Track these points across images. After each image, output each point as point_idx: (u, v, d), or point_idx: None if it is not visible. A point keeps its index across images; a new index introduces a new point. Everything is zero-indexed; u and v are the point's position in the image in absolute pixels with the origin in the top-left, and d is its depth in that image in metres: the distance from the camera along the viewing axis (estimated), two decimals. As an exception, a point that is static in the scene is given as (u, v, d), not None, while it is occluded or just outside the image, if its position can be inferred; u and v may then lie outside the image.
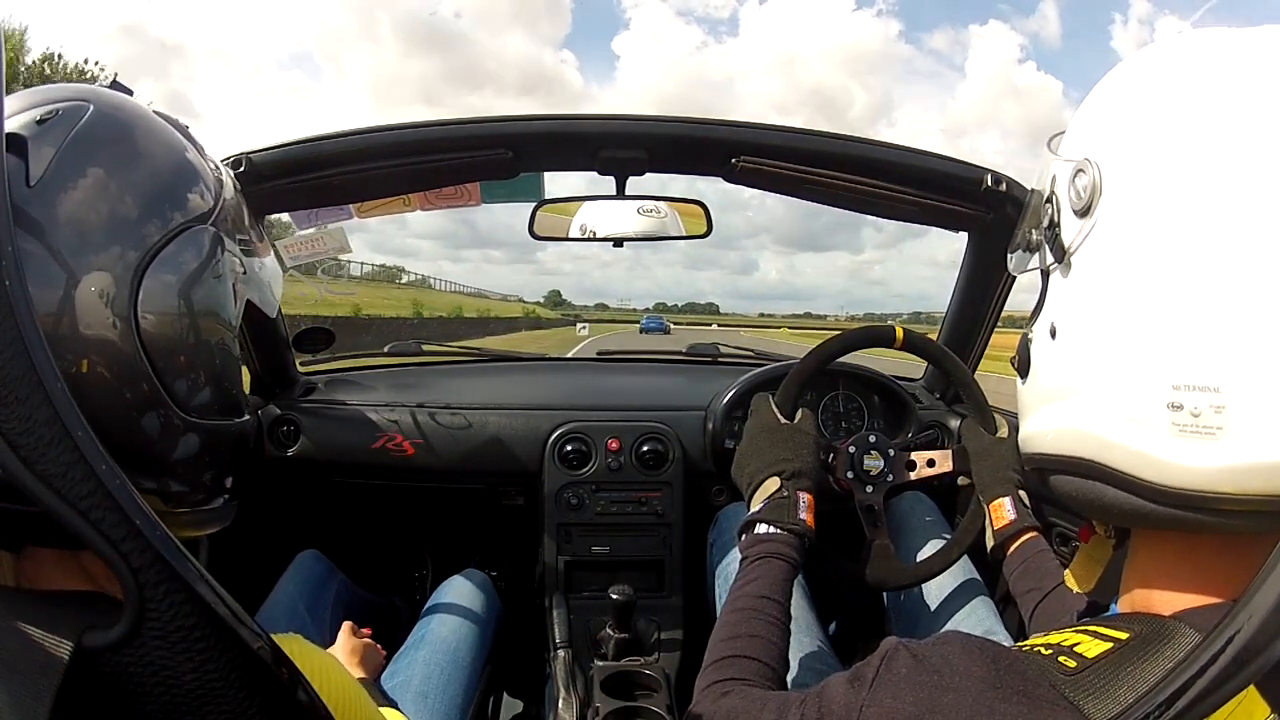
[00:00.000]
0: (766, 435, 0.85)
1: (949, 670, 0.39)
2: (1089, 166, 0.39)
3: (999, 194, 1.01)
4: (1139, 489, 0.38)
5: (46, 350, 0.31)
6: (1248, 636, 0.28)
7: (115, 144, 0.43)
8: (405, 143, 0.98)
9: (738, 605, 0.72)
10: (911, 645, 0.43)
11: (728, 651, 0.67)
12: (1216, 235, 0.35)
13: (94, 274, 0.40)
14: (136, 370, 0.42)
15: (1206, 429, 0.34)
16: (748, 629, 0.68)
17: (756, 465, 0.83)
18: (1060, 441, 0.43)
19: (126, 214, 0.42)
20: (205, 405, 0.47)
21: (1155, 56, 0.40)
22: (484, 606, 1.09)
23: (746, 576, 0.75)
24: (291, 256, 1.21)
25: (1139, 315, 0.37)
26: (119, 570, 0.32)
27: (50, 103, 0.43)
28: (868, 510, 0.94)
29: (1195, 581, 0.39)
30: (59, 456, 0.31)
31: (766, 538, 0.77)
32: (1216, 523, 0.36)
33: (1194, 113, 0.37)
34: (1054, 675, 0.37)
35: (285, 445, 1.30)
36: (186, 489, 0.47)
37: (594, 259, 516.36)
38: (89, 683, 0.33)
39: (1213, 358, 0.34)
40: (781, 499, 0.79)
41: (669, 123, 1.00)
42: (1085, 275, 0.40)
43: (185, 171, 0.47)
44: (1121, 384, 0.38)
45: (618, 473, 1.27)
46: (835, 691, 0.45)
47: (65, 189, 0.40)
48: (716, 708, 0.60)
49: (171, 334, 0.43)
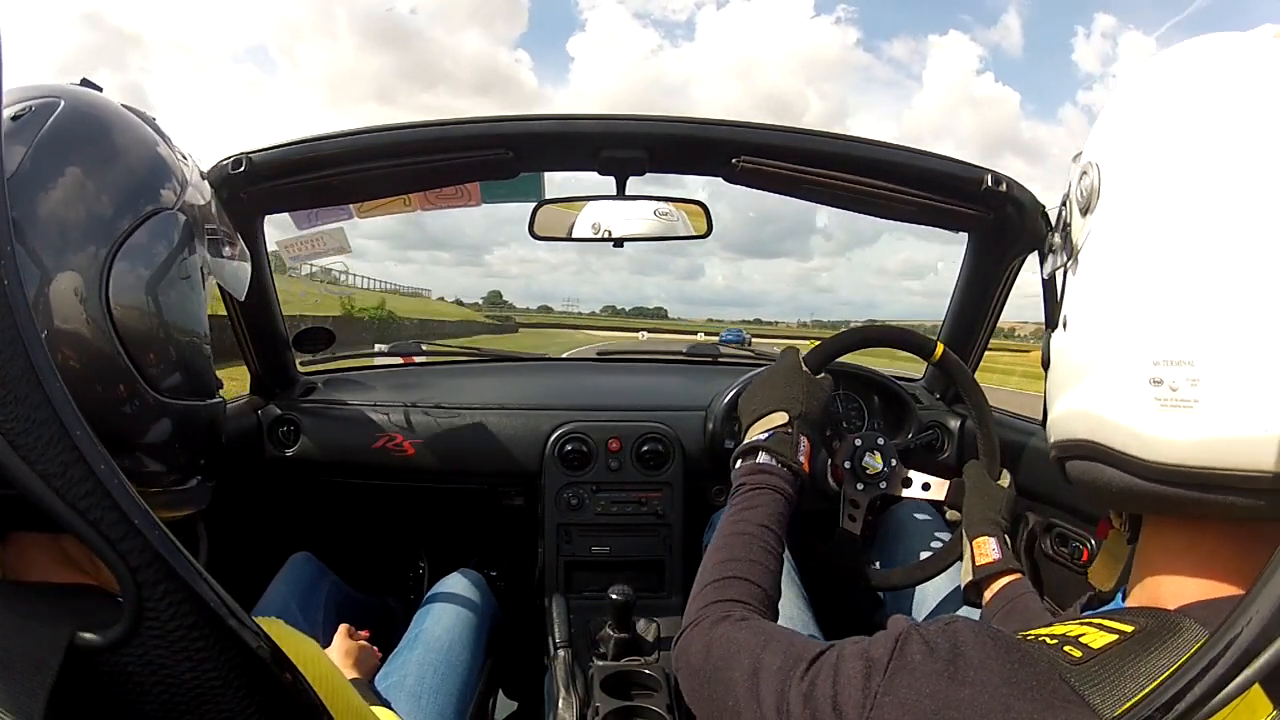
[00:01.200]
0: (785, 376, 0.85)
1: (963, 662, 0.39)
2: (1090, 169, 0.43)
3: (999, 194, 1.01)
4: (1130, 465, 0.40)
5: (45, 349, 0.31)
6: (1250, 638, 0.28)
7: (86, 139, 0.45)
8: (405, 143, 0.98)
9: (738, 529, 0.70)
10: (924, 630, 0.42)
11: (729, 572, 0.65)
12: (1189, 221, 0.38)
13: (65, 262, 0.42)
14: (109, 354, 0.43)
15: (1184, 402, 0.37)
16: (747, 553, 0.67)
17: (767, 397, 0.83)
18: (1068, 424, 0.45)
19: (97, 205, 0.44)
20: (176, 387, 0.48)
21: (1148, 66, 0.44)
22: (479, 605, 1.09)
23: (747, 503, 0.73)
24: (292, 256, 1.21)
25: (1125, 298, 0.40)
26: (117, 569, 0.32)
27: (22, 100, 0.44)
28: (851, 503, 0.94)
29: (1201, 574, 0.39)
30: (58, 455, 0.31)
31: (769, 469, 0.76)
32: (1199, 498, 0.37)
33: (1169, 114, 0.40)
34: (1061, 666, 0.37)
35: (285, 445, 1.30)
36: (161, 469, 0.49)
37: (542, 262, 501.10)
38: (87, 681, 0.33)
39: (1187, 333, 0.37)
40: (786, 434, 0.79)
41: (670, 123, 1.00)
42: (1088, 267, 0.44)
43: (153, 163, 0.49)
44: (1113, 363, 0.41)
45: (618, 473, 1.27)
46: (849, 670, 0.43)
47: (37, 184, 0.41)
48: (718, 632, 0.58)
49: (141, 318, 0.45)
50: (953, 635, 0.41)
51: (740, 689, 0.50)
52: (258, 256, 1.14)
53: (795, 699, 0.45)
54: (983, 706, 0.37)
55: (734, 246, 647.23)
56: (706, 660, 0.56)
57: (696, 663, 0.57)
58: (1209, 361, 0.36)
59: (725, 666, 0.53)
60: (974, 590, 0.86)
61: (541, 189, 1.21)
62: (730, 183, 1.06)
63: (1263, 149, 0.36)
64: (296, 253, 1.20)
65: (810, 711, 0.43)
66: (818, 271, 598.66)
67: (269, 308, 1.23)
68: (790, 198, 1.09)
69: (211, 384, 0.54)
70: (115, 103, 0.49)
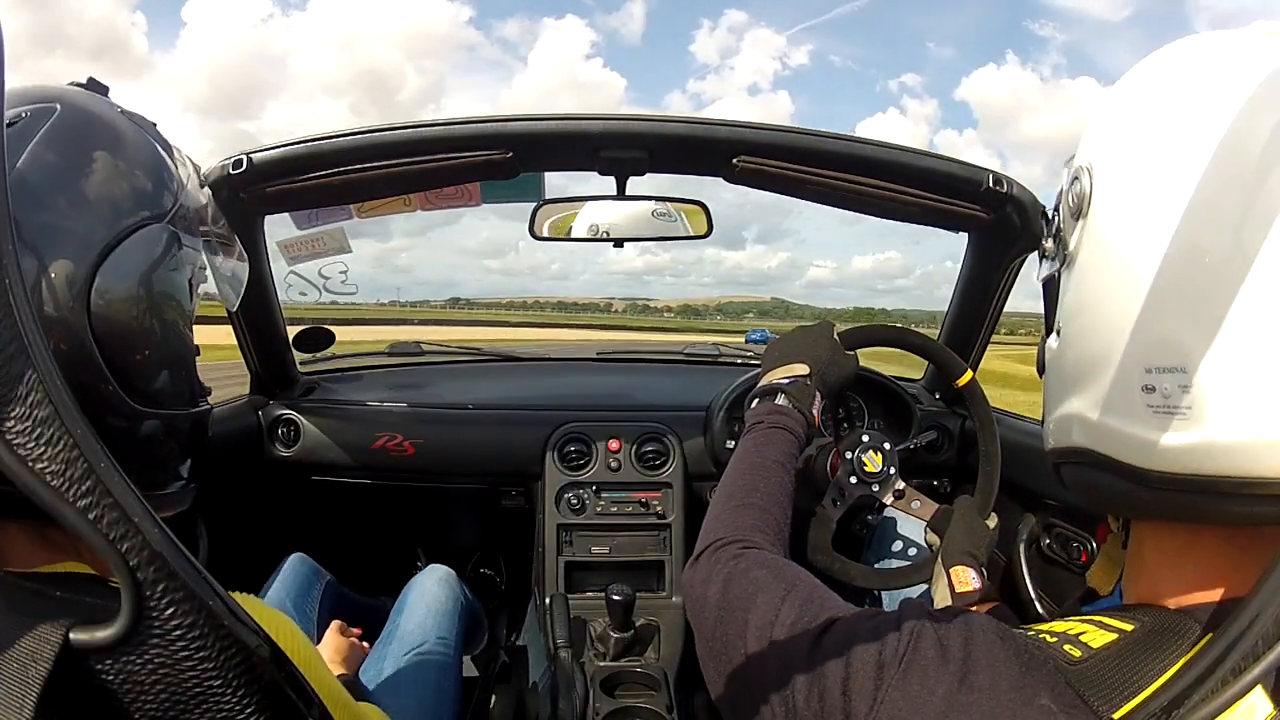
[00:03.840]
0: (816, 335, 0.86)
1: (974, 664, 0.39)
2: (1082, 173, 0.43)
3: (999, 194, 1.01)
4: (1126, 472, 0.39)
5: (46, 349, 0.31)
6: (1253, 640, 0.28)
7: (80, 147, 0.45)
8: (405, 143, 0.98)
9: (755, 461, 0.70)
10: (939, 626, 0.41)
11: (750, 499, 0.65)
12: (1179, 225, 0.37)
13: (49, 271, 0.41)
14: (89, 363, 0.43)
15: (1176, 409, 0.36)
16: (766, 486, 0.67)
17: (795, 348, 0.85)
18: (1064, 431, 0.45)
19: (84, 214, 0.44)
20: (157, 395, 0.48)
21: (1140, 68, 0.43)
22: (447, 599, 1.10)
23: (764, 439, 0.73)
24: (292, 256, 1.21)
25: (1117, 304, 0.40)
26: (117, 569, 0.32)
27: (19, 105, 0.44)
28: (838, 489, 0.94)
29: (1200, 576, 0.39)
30: (58, 455, 0.31)
31: (787, 411, 0.77)
32: (1195, 505, 0.37)
33: (1160, 115, 0.40)
34: (1062, 666, 0.37)
35: (285, 445, 1.30)
36: (140, 474, 0.48)
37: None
38: (85, 679, 0.33)
39: (1178, 339, 0.36)
40: (805, 384, 0.80)
41: (670, 123, 1.00)
42: (1081, 272, 0.43)
43: (145, 171, 0.48)
44: (1105, 370, 0.40)
45: (618, 473, 1.27)
46: (862, 656, 0.42)
47: (27, 191, 0.41)
48: (740, 566, 0.56)
49: (123, 327, 0.45)
50: (966, 635, 0.40)
51: (751, 635, 0.49)
52: (258, 257, 1.14)
53: (802, 670, 0.44)
54: (990, 710, 0.37)
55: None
56: (724, 595, 0.55)
57: (714, 595, 0.56)
58: (1201, 367, 0.35)
59: (742, 607, 0.52)
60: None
61: (542, 189, 1.21)
62: (731, 183, 1.06)
63: (1255, 150, 0.35)
64: (296, 253, 1.20)
65: (818, 690, 0.42)
66: (397, 252, 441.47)
67: (269, 308, 1.23)
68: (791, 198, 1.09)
69: (194, 392, 0.53)
70: (115, 108, 0.49)
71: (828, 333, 0.88)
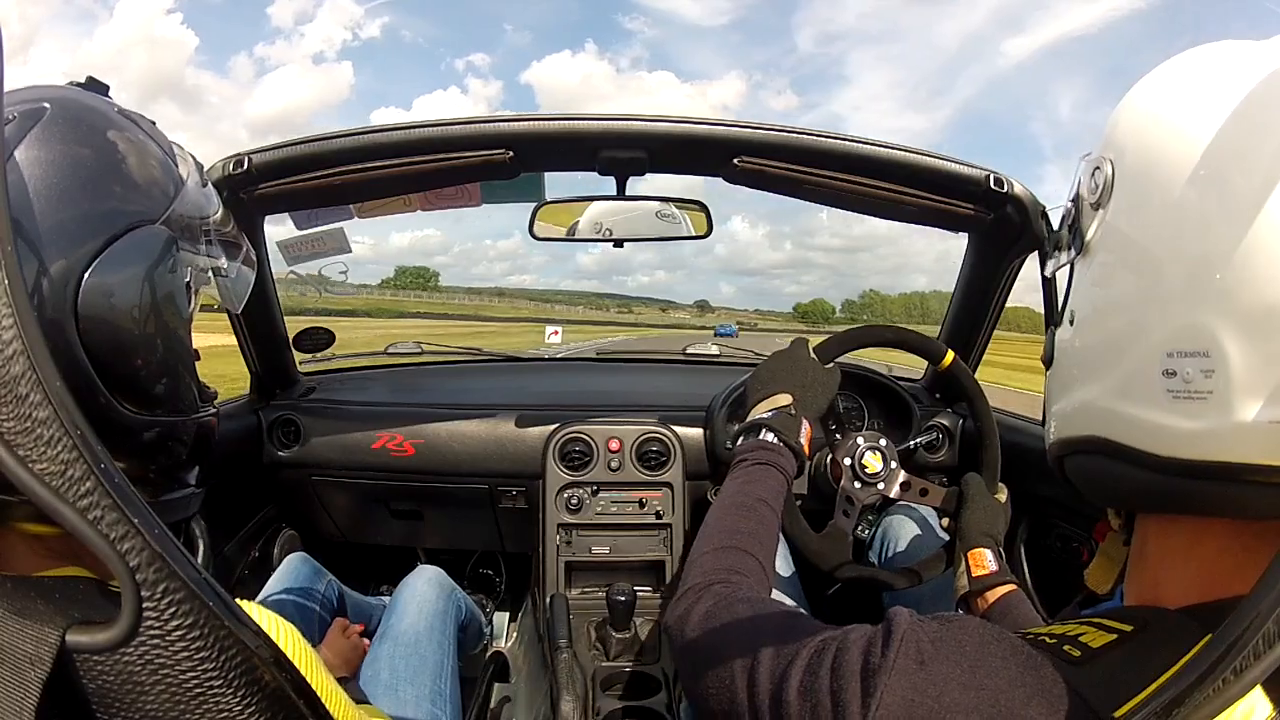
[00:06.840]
0: (793, 363, 0.87)
1: (968, 664, 0.39)
2: (1104, 163, 0.44)
3: (999, 194, 1.01)
4: (1142, 460, 0.39)
5: (46, 349, 0.31)
6: (1253, 640, 0.28)
7: (65, 148, 0.43)
8: (405, 143, 0.98)
9: (739, 501, 0.71)
10: (928, 628, 0.41)
11: (731, 542, 0.65)
12: (1205, 212, 0.37)
13: (36, 275, 0.40)
14: (78, 369, 0.42)
15: (1198, 393, 0.36)
16: (749, 526, 0.68)
17: (775, 379, 0.85)
18: (1074, 421, 0.45)
19: (72, 216, 0.42)
20: (157, 401, 0.47)
21: (1169, 66, 0.44)
22: (438, 597, 1.10)
23: (748, 476, 0.74)
24: (292, 256, 1.21)
25: (1138, 289, 0.40)
26: (117, 569, 0.32)
27: (11, 105, 0.43)
28: (847, 499, 0.94)
29: (1203, 573, 0.39)
30: (58, 455, 0.31)
31: (772, 446, 0.77)
32: (1212, 491, 0.36)
33: (1190, 112, 0.40)
34: (1062, 667, 0.37)
35: (286, 445, 1.30)
36: (143, 481, 0.47)
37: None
38: (85, 680, 0.33)
39: (1200, 323, 0.36)
40: (789, 415, 0.80)
41: (670, 123, 1.00)
42: (1098, 260, 0.44)
43: (138, 171, 0.46)
44: (1124, 356, 0.40)
45: (618, 473, 1.27)
46: (851, 664, 0.42)
47: (15, 192, 0.40)
48: (718, 605, 0.57)
49: (114, 331, 0.43)
50: (958, 635, 0.40)
51: (737, 670, 0.49)
52: (258, 258, 1.14)
53: (793, 690, 0.44)
54: (986, 709, 0.37)
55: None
56: (704, 633, 0.56)
57: (693, 635, 0.56)
58: (1224, 353, 0.35)
59: (723, 645, 0.53)
60: (968, 601, 0.86)
61: (542, 189, 1.21)
62: (730, 183, 1.06)
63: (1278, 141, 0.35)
64: (296, 253, 1.20)
65: (810, 705, 0.43)
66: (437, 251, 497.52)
67: (269, 308, 1.23)
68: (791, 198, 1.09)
69: (193, 398, 0.51)
70: (113, 107, 0.48)
71: (803, 353, 0.88)
